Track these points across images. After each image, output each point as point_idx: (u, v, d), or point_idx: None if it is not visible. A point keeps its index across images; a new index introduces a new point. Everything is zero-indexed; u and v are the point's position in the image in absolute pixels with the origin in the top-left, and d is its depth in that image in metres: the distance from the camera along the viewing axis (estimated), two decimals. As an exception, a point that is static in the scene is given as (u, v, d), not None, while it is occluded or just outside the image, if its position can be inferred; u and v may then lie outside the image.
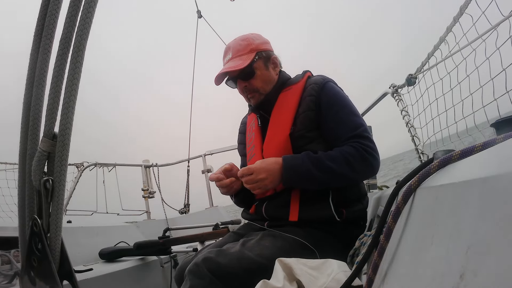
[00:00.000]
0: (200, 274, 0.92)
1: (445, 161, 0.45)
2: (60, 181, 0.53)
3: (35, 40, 0.55)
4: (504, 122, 1.12)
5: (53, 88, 0.52)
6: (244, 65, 1.18)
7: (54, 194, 0.53)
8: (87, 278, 1.61)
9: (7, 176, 3.11)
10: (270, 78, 1.25)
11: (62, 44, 0.52)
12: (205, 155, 3.38)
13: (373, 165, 1.09)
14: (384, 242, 0.54)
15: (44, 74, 0.54)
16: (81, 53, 0.52)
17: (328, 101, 1.16)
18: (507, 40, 1.12)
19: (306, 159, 1.07)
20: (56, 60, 0.52)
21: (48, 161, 0.54)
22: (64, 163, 0.53)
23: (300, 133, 1.15)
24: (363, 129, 1.13)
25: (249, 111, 1.43)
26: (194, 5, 2.96)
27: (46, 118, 0.53)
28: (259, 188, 1.06)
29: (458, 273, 0.31)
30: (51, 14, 0.53)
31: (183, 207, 3.40)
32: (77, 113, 0.53)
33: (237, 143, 1.49)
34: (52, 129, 0.53)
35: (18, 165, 0.57)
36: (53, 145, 0.53)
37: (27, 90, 0.56)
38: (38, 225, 0.53)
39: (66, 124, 0.52)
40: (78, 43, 0.52)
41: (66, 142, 0.52)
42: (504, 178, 0.29)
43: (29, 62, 0.56)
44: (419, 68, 1.78)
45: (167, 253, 2.07)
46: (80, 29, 0.52)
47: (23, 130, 0.56)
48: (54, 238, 0.53)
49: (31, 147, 0.54)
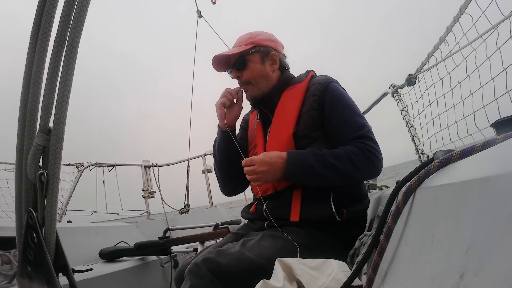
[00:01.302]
0: (200, 274, 0.92)
1: (445, 161, 0.45)
2: (54, 174, 0.54)
3: (32, 39, 0.57)
4: (504, 122, 1.12)
5: (48, 84, 0.53)
6: (234, 52, 1.20)
7: (49, 187, 0.54)
8: (87, 278, 1.61)
9: (7, 176, 3.11)
10: (265, 73, 1.25)
11: (57, 42, 0.54)
12: (205, 155, 3.38)
13: (376, 166, 1.09)
14: (384, 242, 0.54)
15: (40, 72, 0.55)
16: (74, 50, 0.53)
17: (332, 101, 1.16)
18: (508, 40, 1.12)
19: (311, 156, 1.07)
20: (51, 58, 0.54)
21: (43, 155, 0.55)
22: (58, 156, 0.54)
23: (304, 133, 1.15)
24: (367, 129, 1.13)
25: (251, 109, 1.43)
26: (201, 5, 2.96)
27: (41, 113, 0.54)
28: (259, 180, 1.07)
29: (458, 273, 0.31)
30: (47, 14, 0.55)
31: (183, 207, 3.40)
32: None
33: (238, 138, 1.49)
34: (47, 124, 0.54)
35: (15, 160, 0.59)
36: (48, 139, 0.54)
37: (24, 87, 0.57)
38: (33, 218, 0.54)
39: (60, 118, 0.53)
40: (72, 41, 0.54)
41: (60, 136, 0.54)
42: (504, 178, 0.29)
43: (26, 61, 0.57)
44: (419, 68, 1.78)
45: (167, 253, 2.07)
46: (73, 27, 0.54)
47: (20, 126, 0.57)
48: (49, 230, 0.54)
49: (28, 142, 0.55)
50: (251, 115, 1.41)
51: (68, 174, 3.29)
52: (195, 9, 2.99)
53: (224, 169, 1.32)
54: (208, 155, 3.37)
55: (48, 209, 0.54)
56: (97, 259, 1.97)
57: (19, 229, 0.57)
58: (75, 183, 3.16)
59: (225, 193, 1.40)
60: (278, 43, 1.31)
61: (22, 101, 0.57)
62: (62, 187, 3.12)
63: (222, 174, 1.34)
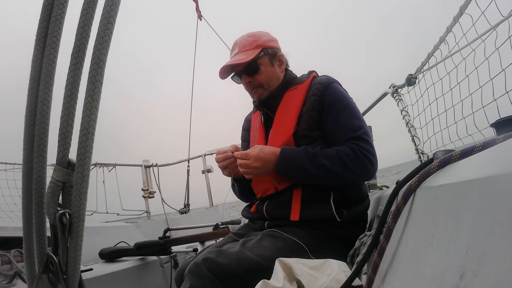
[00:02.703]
0: (200, 274, 0.92)
1: (445, 161, 0.45)
2: (79, 216, 0.47)
3: (37, 45, 0.48)
4: (504, 122, 1.12)
5: (66, 109, 0.46)
6: (247, 60, 1.19)
7: (73, 229, 0.47)
8: (87, 278, 1.61)
9: (7, 176, 3.11)
10: (275, 74, 1.26)
11: (75, 58, 0.45)
12: (205, 155, 3.38)
13: (368, 168, 1.08)
14: (384, 242, 0.54)
15: (49, 88, 0.48)
16: (100, 70, 0.45)
17: (331, 102, 1.16)
18: (507, 41, 1.12)
19: (303, 154, 1.08)
20: (68, 77, 0.46)
21: (63, 192, 0.48)
22: (83, 196, 0.47)
23: (303, 133, 1.15)
24: (363, 131, 1.13)
25: (253, 109, 1.43)
26: (201, 6, 2.96)
27: (59, 144, 0.47)
28: (251, 174, 1.10)
29: (458, 273, 0.31)
30: (55, 20, 0.46)
31: (183, 207, 3.40)
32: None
33: (240, 140, 1.49)
34: (66, 156, 0.47)
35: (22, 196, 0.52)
36: (69, 174, 0.47)
37: (28, 109, 0.49)
38: (54, 264, 0.47)
39: (85, 153, 0.46)
40: (97, 59, 0.44)
41: (86, 173, 0.46)
42: (504, 178, 0.29)
43: (30, 76, 0.49)
44: (419, 68, 1.78)
45: (167, 253, 2.07)
46: (99, 42, 0.44)
47: (26, 156, 0.50)
48: (72, 277, 0.48)
49: (38, 175, 0.48)
50: (253, 115, 1.42)
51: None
52: (197, 9, 2.99)
53: (247, 196, 1.36)
54: (208, 155, 3.37)
55: (72, 253, 0.47)
56: (97, 259, 1.97)
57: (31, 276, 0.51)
58: (75, 183, 3.16)
59: (243, 200, 1.43)
60: (278, 41, 1.31)
61: (27, 125, 0.49)
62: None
63: (244, 198, 1.39)
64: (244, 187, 1.30)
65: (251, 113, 1.47)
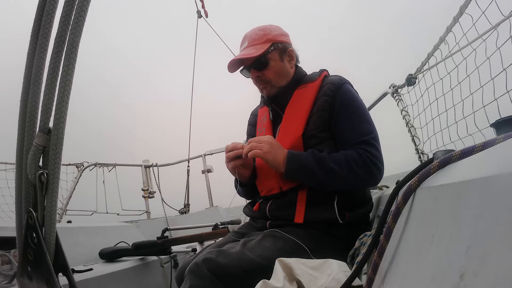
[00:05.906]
0: (200, 274, 0.92)
1: (445, 161, 0.45)
2: (54, 174, 0.54)
3: (32, 40, 0.57)
4: (504, 122, 1.12)
5: (48, 84, 0.53)
6: (257, 54, 1.17)
7: (49, 187, 0.54)
8: (87, 278, 1.61)
9: (7, 176, 3.12)
10: (285, 70, 1.23)
11: (57, 42, 0.53)
12: (205, 155, 3.38)
13: (375, 175, 1.07)
14: (384, 242, 0.54)
15: (40, 72, 0.55)
16: (74, 50, 0.53)
17: (342, 103, 1.14)
18: (508, 40, 1.12)
19: (310, 156, 1.07)
20: (51, 58, 0.54)
21: (43, 155, 0.55)
22: (58, 156, 0.54)
23: (312, 133, 1.14)
24: (372, 136, 1.11)
25: (261, 104, 1.41)
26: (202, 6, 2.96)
27: (41, 113, 0.54)
28: (260, 151, 1.06)
29: (458, 273, 0.31)
30: (47, 14, 0.55)
31: (183, 207, 3.40)
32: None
33: (246, 134, 1.47)
34: (47, 124, 0.54)
35: (15, 160, 0.59)
36: (48, 139, 0.54)
37: (24, 87, 0.58)
38: (33, 218, 0.54)
39: (60, 118, 0.53)
40: (72, 41, 0.53)
41: (60, 136, 0.54)
42: (504, 178, 0.29)
43: (26, 61, 0.57)
44: (419, 68, 1.78)
45: (167, 253, 2.07)
46: (73, 27, 0.54)
47: (20, 127, 0.57)
48: (49, 230, 0.54)
49: (28, 142, 0.56)
50: (260, 110, 1.39)
51: (68, 174, 3.30)
52: (197, 9, 2.99)
53: (249, 195, 1.35)
54: (208, 155, 3.37)
55: (48, 209, 0.54)
56: (97, 259, 1.97)
57: (19, 229, 0.57)
58: (75, 183, 3.16)
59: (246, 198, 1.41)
60: (289, 36, 1.28)
61: (22, 101, 0.57)
62: (62, 187, 3.13)
63: (246, 196, 1.38)
64: (250, 189, 1.29)
65: (258, 107, 1.44)
